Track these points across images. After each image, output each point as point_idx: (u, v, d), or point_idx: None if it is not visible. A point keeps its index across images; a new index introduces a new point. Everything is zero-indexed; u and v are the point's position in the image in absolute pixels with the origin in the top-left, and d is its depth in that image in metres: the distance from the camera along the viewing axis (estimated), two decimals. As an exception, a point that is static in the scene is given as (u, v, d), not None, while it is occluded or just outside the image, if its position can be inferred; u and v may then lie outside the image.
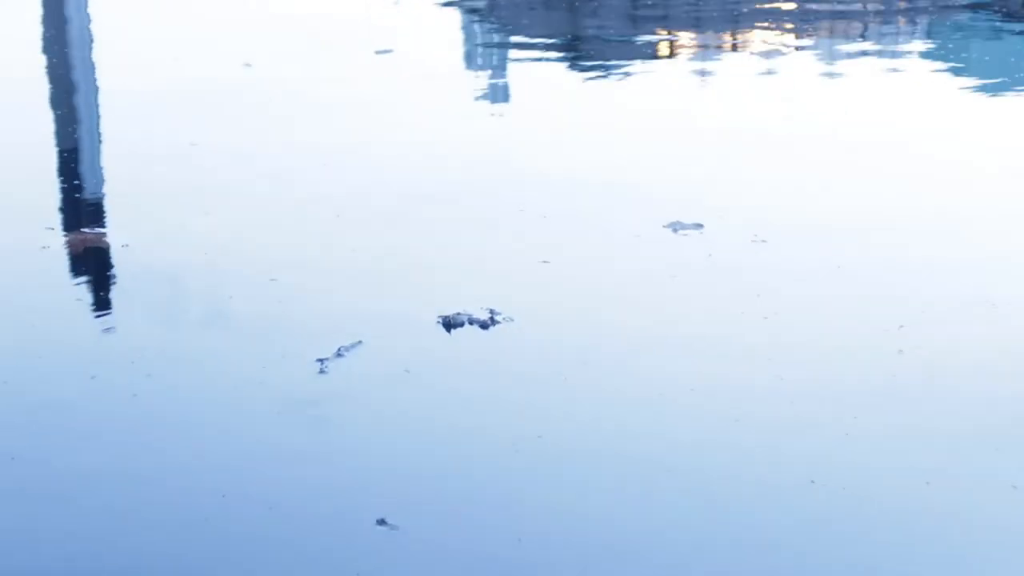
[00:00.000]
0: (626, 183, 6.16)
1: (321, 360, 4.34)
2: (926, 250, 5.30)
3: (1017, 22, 10.65)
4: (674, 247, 5.32)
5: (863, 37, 10.15)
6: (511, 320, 4.63)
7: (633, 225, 5.56)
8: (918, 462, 3.74)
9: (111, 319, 4.76)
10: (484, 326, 4.59)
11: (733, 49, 9.83)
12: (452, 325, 4.60)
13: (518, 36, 10.63)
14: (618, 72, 8.83)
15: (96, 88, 8.54)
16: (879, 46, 9.79)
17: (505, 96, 8.30)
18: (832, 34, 10.26)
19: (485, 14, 11.55)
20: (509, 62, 9.41)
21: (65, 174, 6.59)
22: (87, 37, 10.29)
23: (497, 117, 7.82)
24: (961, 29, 10.48)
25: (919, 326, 4.57)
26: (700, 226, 5.50)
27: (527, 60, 9.45)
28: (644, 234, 5.46)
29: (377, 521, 3.45)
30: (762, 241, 5.36)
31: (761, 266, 5.13)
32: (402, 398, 4.13)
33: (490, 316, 4.64)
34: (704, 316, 4.70)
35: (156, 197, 6.12)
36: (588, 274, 5.09)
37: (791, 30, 10.38)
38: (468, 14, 11.48)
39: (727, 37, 10.27)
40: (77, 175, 6.58)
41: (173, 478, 3.68)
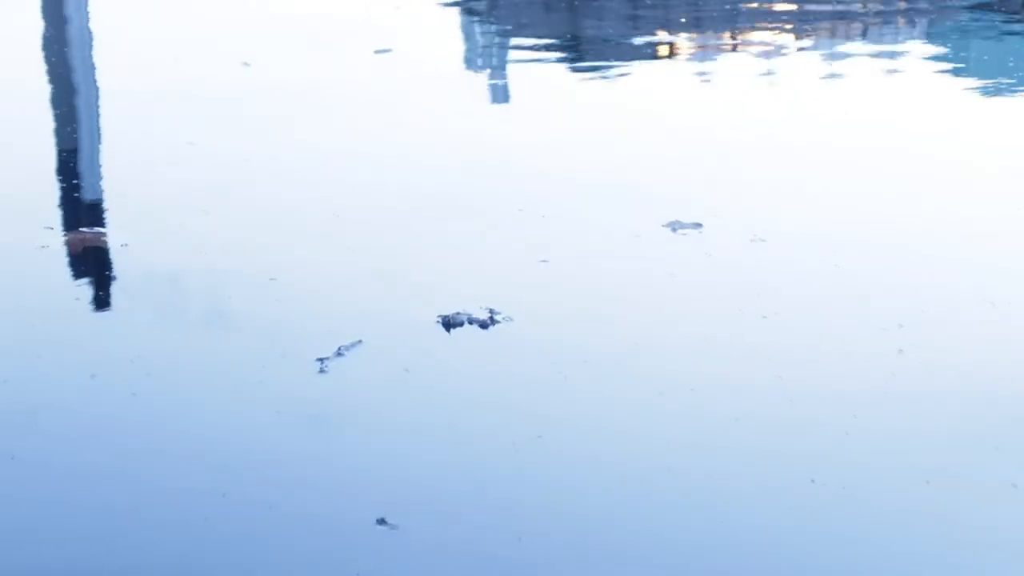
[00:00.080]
0: (625, 183, 6.16)
1: (321, 360, 4.34)
2: (926, 250, 5.30)
3: (1017, 22, 10.64)
4: (673, 247, 5.32)
5: (863, 37, 10.15)
6: (511, 320, 4.63)
7: (632, 225, 5.56)
8: (918, 462, 3.74)
9: (110, 318, 4.76)
10: (484, 326, 4.58)
11: (733, 50, 9.83)
12: (452, 325, 4.59)
13: (518, 36, 10.62)
14: (618, 72, 8.82)
15: (96, 88, 8.54)
16: (879, 46, 9.78)
17: (505, 96, 8.29)
18: (832, 34, 10.26)
19: (485, 14, 11.55)
20: (509, 62, 9.41)
21: (64, 173, 6.58)
22: (87, 37, 10.28)
23: (497, 117, 7.82)
24: (961, 29, 10.47)
25: (919, 326, 4.57)
26: (699, 226, 5.50)
27: (527, 60, 9.45)
28: (643, 234, 5.46)
29: (377, 521, 3.45)
30: (761, 241, 5.36)
31: (760, 266, 5.13)
32: (402, 398, 4.13)
33: (490, 316, 4.64)
34: (703, 315, 4.70)
35: (155, 197, 6.11)
36: (587, 273, 5.09)
37: (791, 31, 10.37)
38: (468, 14, 11.48)
39: (727, 37, 10.26)
40: (76, 174, 6.58)
41: (173, 478, 3.68)
